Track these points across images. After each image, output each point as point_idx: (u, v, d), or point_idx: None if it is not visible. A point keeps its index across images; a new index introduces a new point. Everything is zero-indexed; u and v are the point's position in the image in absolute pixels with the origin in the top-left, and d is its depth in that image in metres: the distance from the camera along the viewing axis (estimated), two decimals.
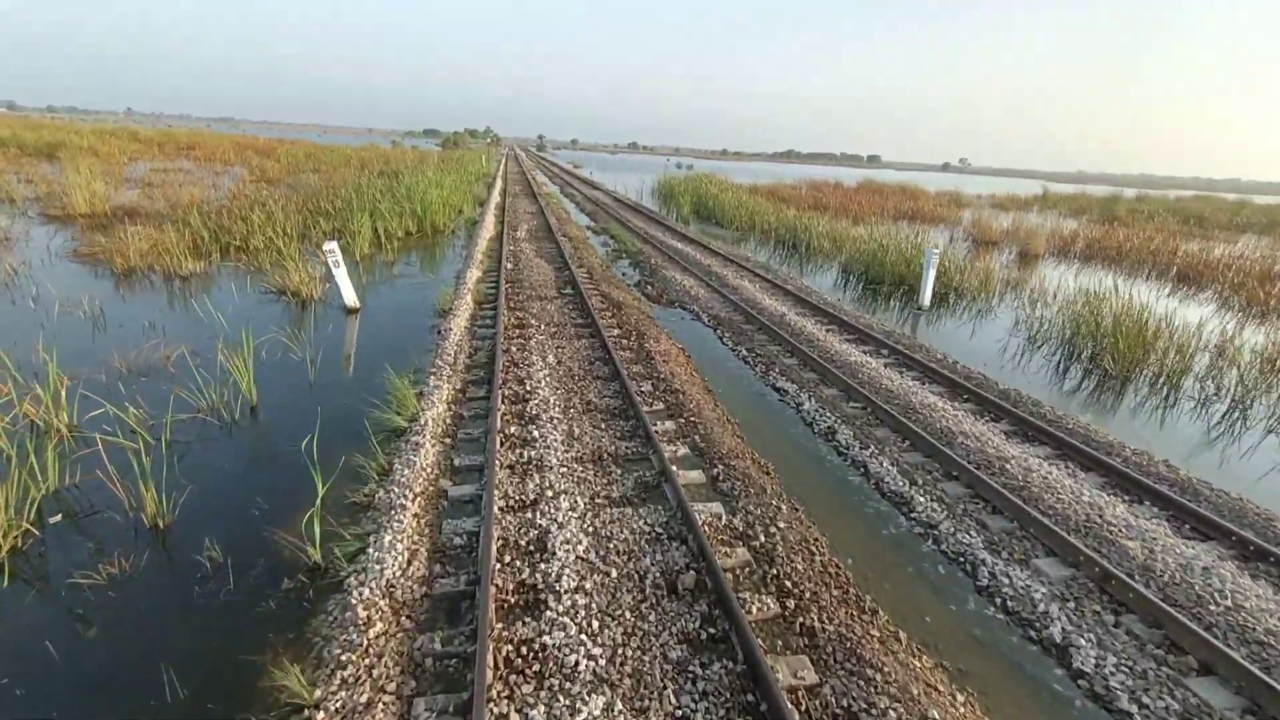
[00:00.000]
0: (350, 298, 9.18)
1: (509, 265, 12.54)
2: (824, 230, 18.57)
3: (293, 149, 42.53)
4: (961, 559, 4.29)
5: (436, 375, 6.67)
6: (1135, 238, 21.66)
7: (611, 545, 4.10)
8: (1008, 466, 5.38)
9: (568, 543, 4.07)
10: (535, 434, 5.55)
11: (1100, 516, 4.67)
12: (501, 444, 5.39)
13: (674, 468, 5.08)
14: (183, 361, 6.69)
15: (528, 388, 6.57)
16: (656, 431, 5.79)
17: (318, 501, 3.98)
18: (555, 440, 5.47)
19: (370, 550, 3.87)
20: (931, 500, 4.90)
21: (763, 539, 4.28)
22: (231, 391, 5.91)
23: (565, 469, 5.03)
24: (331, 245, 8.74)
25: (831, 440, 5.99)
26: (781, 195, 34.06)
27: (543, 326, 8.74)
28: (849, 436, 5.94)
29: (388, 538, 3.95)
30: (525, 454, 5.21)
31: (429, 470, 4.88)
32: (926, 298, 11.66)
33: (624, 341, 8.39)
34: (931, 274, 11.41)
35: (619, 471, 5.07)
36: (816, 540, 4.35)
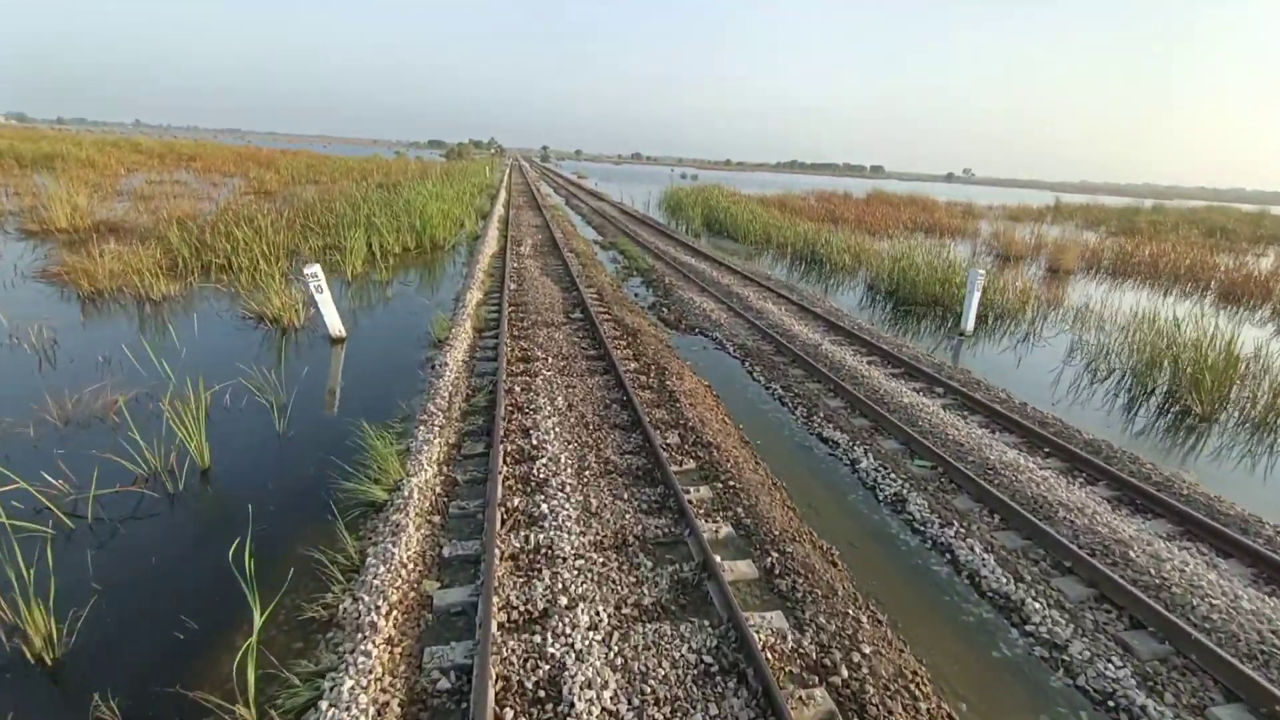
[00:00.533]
0: (335, 326, 8.21)
1: (512, 285, 11.59)
2: (844, 245, 17.59)
3: (294, 160, 41.99)
4: (1111, 703, 3.24)
5: (427, 425, 5.67)
6: (1171, 251, 20.61)
7: (649, 689, 3.06)
8: (1130, 554, 4.33)
9: (589, 685, 3.05)
10: (544, 508, 4.53)
11: (1275, 634, 3.62)
12: (503, 523, 4.37)
13: (718, 558, 4.05)
14: (133, 409, 5.70)
15: (534, 441, 5.56)
16: (691, 502, 4.77)
17: (254, 635, 2.96)
18: (569, 516, 4.45)
19: (323, 704, 2.85)
20: (1049, 606, 3.85)
21: (845, 673, 3.24)
22: (180, 450, 4.92)
23: (582, 560, 4.00)
24: (314, 269, 7.79)
25: (902, 512, 4.94)
26: (791, 206, 33.21)
27: (550, 360, 7.74)
28: (923, 508, 4.90)
29: (349, 683, 2.93)
30: (532, 538, 4.19)
31: (410, 565, 3.86)
32: (970, 323, 10.64)
33: (642, 378, 7.39)
34: (976, 297, 10.39)
35: (649, 564, 4.03)
36: (915, 674, 3.30)
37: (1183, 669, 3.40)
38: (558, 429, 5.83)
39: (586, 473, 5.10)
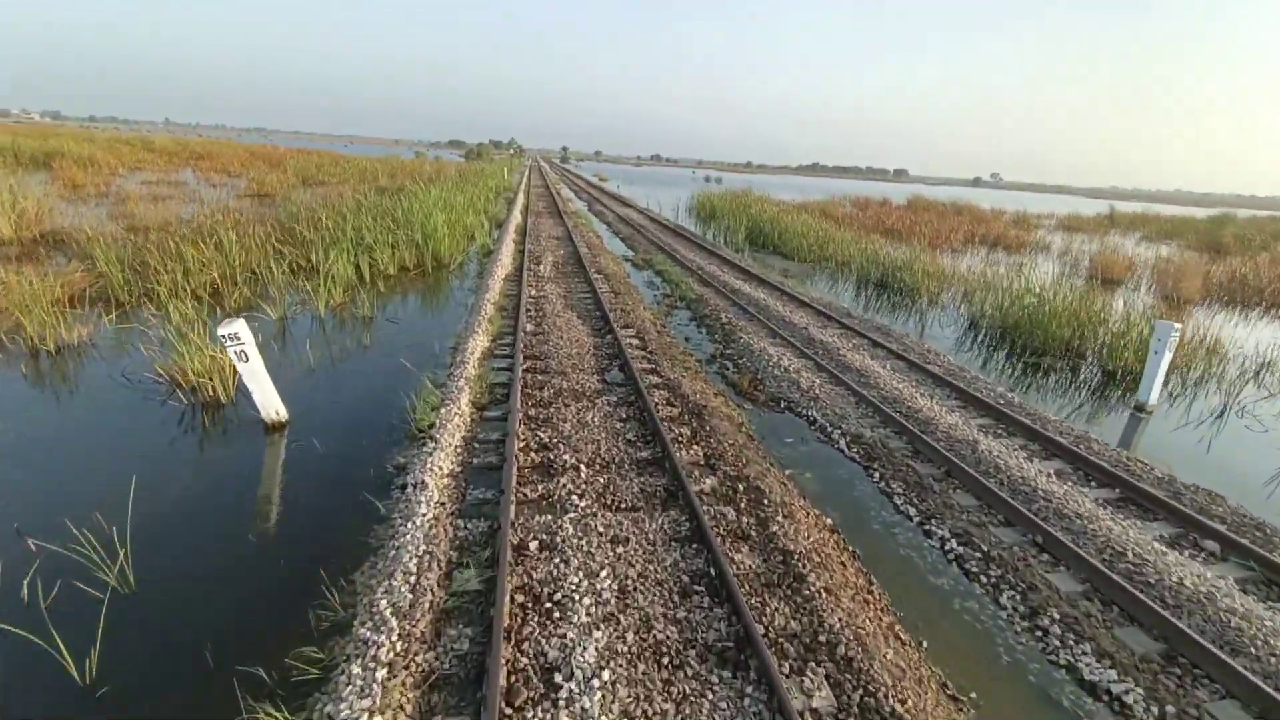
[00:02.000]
0: (269, 408, 5.62)
1: (528, 327, 8.95)
2: (926, 268, 14.70)
3: (304, 160, 40.16)
4: None
5: (364, 668, 3.01)
6: None
7: None
8: None
9: None
10: None
11: None
12: None
13: None
14: None
15: (566, 711, 2.87)
16: None
17: None
18: None
19: None
20: None
21: None
22: None
23: None
24: (234, 327, 5.20)
25: None
26: (834, 214, 30.27)
27: (584, 470, 5.07)
28: None
29: None
30: None
31: None
32: (1154, 394, 7.74)
33: (729, 513, 4.66)
34: (1166, 360, 7.50)
35: None
36: None
37: None
38: (609, 667, 3.13)
39: None
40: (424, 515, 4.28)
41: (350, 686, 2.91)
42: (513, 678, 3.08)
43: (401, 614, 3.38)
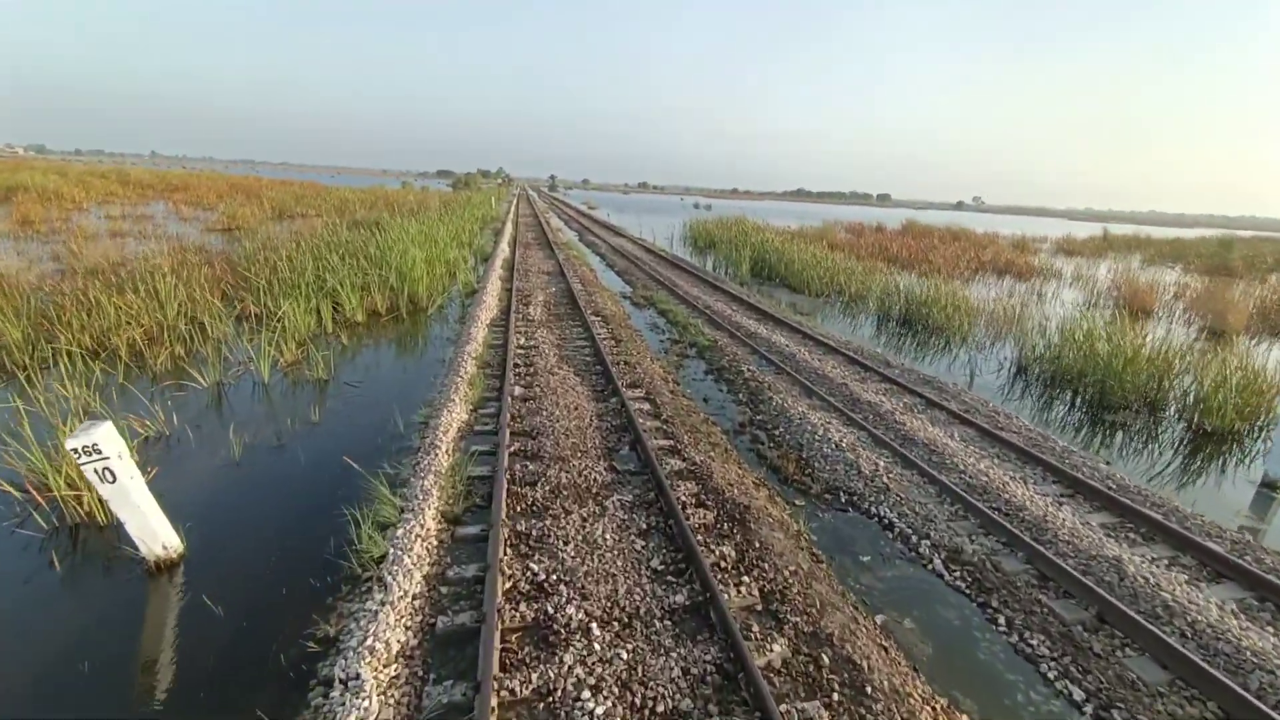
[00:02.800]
0: (154, 541, 3.99)
1: (516, 390, 7.42)
2: (954, 302, 13.41)
3: (283, 191, 38.80)
4: None
5: None
6: None
7: None
8: None
9: None
10: None
11: None
12: None
13: None
14: None
15: None
16: None
17: None
18: None
19: None
20: None
21: None
22: None
23: None
24: (93, 435, 3.60)
25: None
26: (831, 241, 29.25)
27: (595, 638, 3.50)
28: None
29: None
30: None
31: None
32: None
33: (823, 718, 3.10)
34: None
35: None
36: None
37: None
38: None
39: None
40: None
41: None
42: None
43: None
